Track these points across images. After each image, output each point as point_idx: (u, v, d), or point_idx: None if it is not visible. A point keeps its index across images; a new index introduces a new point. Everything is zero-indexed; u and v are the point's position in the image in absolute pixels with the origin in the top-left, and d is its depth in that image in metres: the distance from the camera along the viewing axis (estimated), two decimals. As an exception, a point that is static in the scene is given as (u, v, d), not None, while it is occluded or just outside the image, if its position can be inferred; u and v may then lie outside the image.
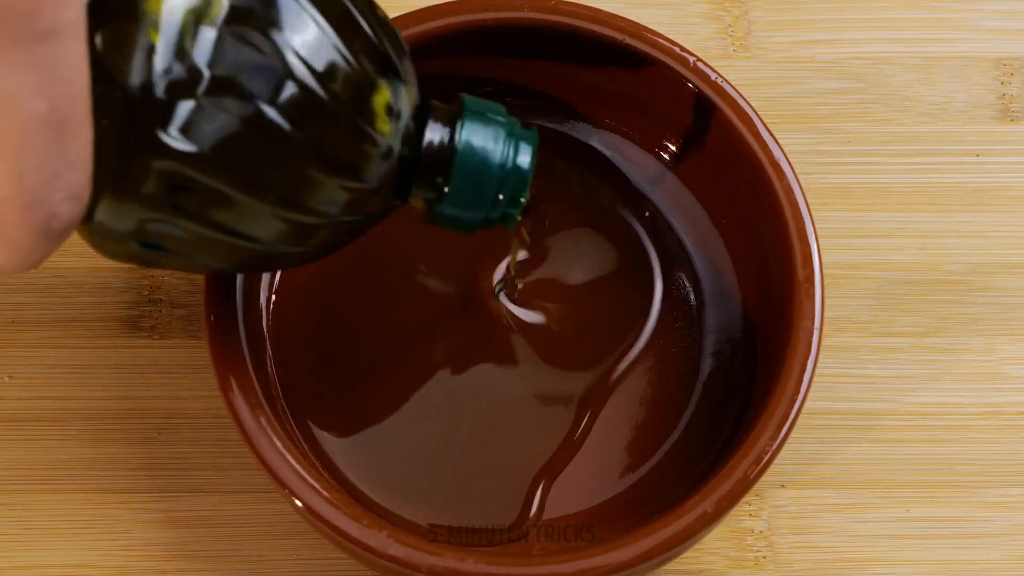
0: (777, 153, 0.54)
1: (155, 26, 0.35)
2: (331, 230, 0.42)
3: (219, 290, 0.51)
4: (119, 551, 0.56)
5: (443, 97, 0.47)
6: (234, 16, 0.36)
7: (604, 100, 0.57)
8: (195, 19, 0.35)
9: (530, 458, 0.54)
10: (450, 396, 0.55)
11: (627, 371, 0.55)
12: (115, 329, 0.58)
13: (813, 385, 0.51)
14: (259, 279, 0.55)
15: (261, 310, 0.55)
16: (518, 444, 0.54)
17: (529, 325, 0.56)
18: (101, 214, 0.39)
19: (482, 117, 0.45)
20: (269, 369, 0.55)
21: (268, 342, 0.55)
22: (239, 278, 0.52)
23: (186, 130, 0.36)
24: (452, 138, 0.45)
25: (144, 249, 0.39)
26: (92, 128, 0.36)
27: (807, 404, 0.51)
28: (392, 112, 0.41)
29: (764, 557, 0.56)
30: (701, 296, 0.56)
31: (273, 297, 0.56)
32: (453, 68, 0.56)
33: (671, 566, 0.56)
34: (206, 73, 0.35)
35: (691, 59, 0.55)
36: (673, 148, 0.58)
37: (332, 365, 0.55)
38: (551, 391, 0.55)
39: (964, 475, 0.57)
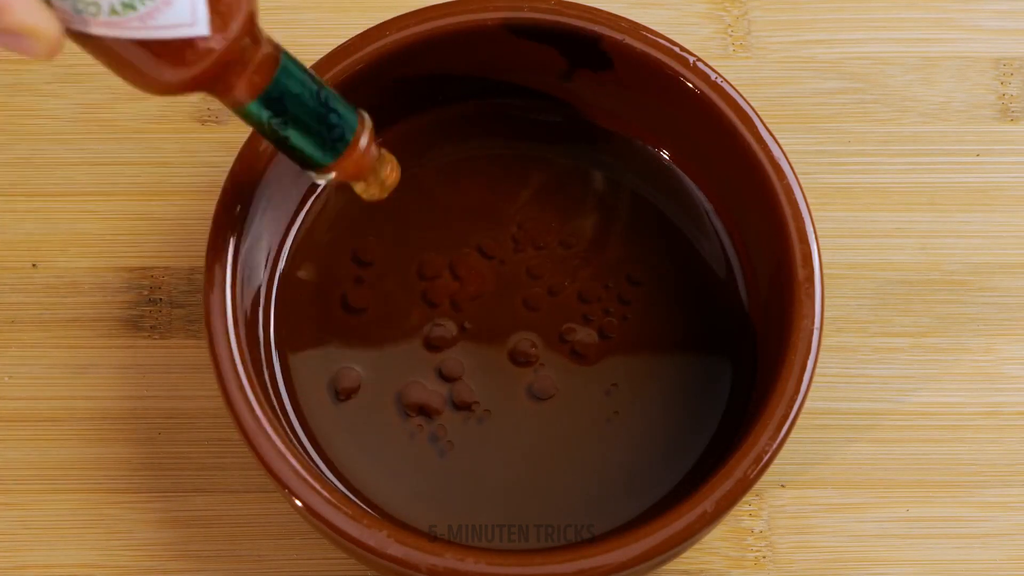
0: (777, 153, 0.54)
1: None
2: None
3: (219, 290, 0.51)
4: (119, 551, 0.56)
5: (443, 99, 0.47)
6: None
7: (604, 100, 0.57)
8: None
9: (530, 459, 0.54)
10: (451, 397, 0.55)
11: (626, 372, 0.55)
12: (115, 329, 0.58)
13: (813, 385, 0.51)
14: (259, 281, 0.55)
15: (261, 311, 0.55)
16: (518, 444, 0.54)
17: (529, 326, 0.56)
18: None
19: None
20: (269, 369, 0.55)
21: (268, 342, 0.55)
22: (239, 279, 0.52)
23: None
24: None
25: None
26: None
27: (807, 404, 0.51)
28: None
29: (764, 557, 0.56)
30: (701, 294, 0.56)
31: (273, 299, 0.56)
32: (453, 67, 0.56)
33: (671, 566, 0.56)
34: None
35: (691, 59, 0.55)
36: (673, 147, 0.58)
37: (332, 365, 0.55)
38: (551, 392, 0.55)
39: (963, 475, 0.57)
